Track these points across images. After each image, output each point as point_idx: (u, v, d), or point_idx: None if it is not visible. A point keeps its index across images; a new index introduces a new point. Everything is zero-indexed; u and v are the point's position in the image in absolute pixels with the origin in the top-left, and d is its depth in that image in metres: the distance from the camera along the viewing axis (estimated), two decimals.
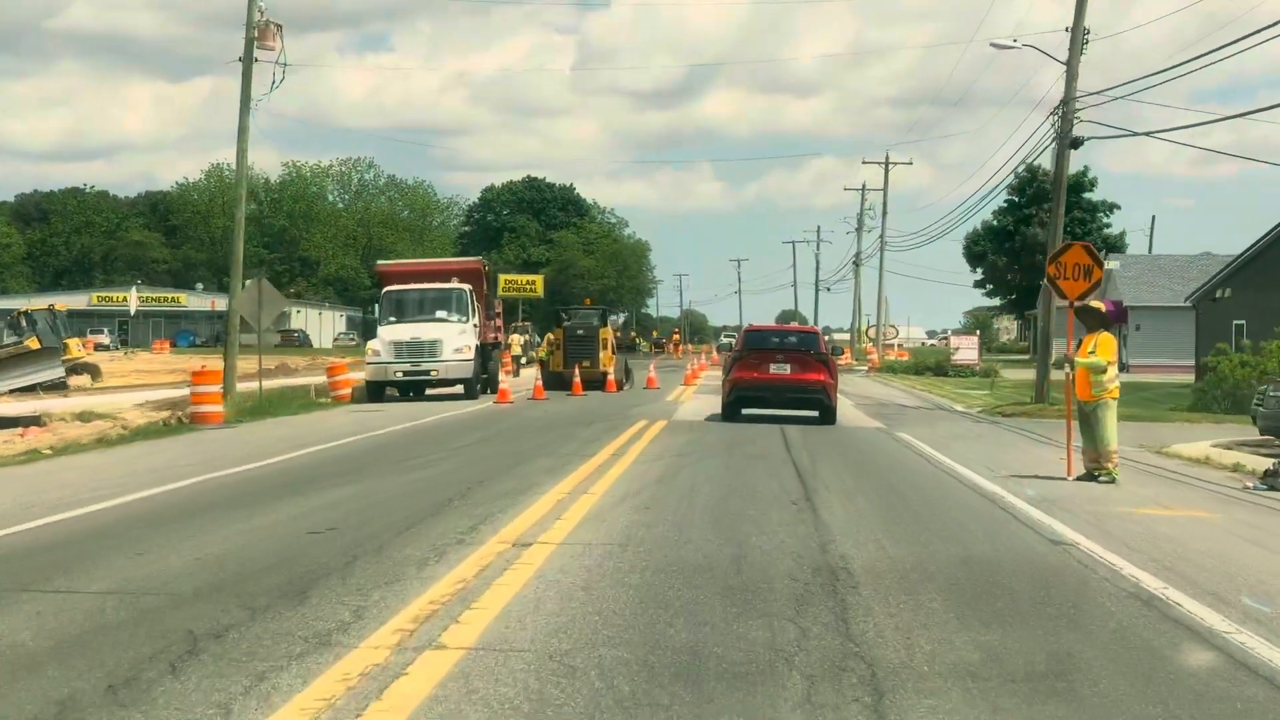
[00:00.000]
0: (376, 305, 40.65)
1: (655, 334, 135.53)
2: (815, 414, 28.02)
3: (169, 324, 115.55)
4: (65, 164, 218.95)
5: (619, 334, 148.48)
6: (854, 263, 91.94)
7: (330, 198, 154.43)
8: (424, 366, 35.35)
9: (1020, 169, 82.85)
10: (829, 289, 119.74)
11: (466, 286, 37.13)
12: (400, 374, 35.41)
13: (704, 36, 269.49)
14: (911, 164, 78.11)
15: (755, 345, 28.95)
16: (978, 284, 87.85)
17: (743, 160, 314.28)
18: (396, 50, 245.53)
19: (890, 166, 76.35)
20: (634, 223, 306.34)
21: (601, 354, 40.77)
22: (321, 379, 38.92)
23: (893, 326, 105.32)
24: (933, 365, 63.38)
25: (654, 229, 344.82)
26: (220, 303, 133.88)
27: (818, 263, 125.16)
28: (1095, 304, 17.93)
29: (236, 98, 35.94)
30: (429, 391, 36.87)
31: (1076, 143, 33.25)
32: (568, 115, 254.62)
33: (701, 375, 55.75)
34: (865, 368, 69.28)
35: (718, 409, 29.45)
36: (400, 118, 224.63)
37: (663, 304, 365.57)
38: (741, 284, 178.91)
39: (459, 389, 36.13)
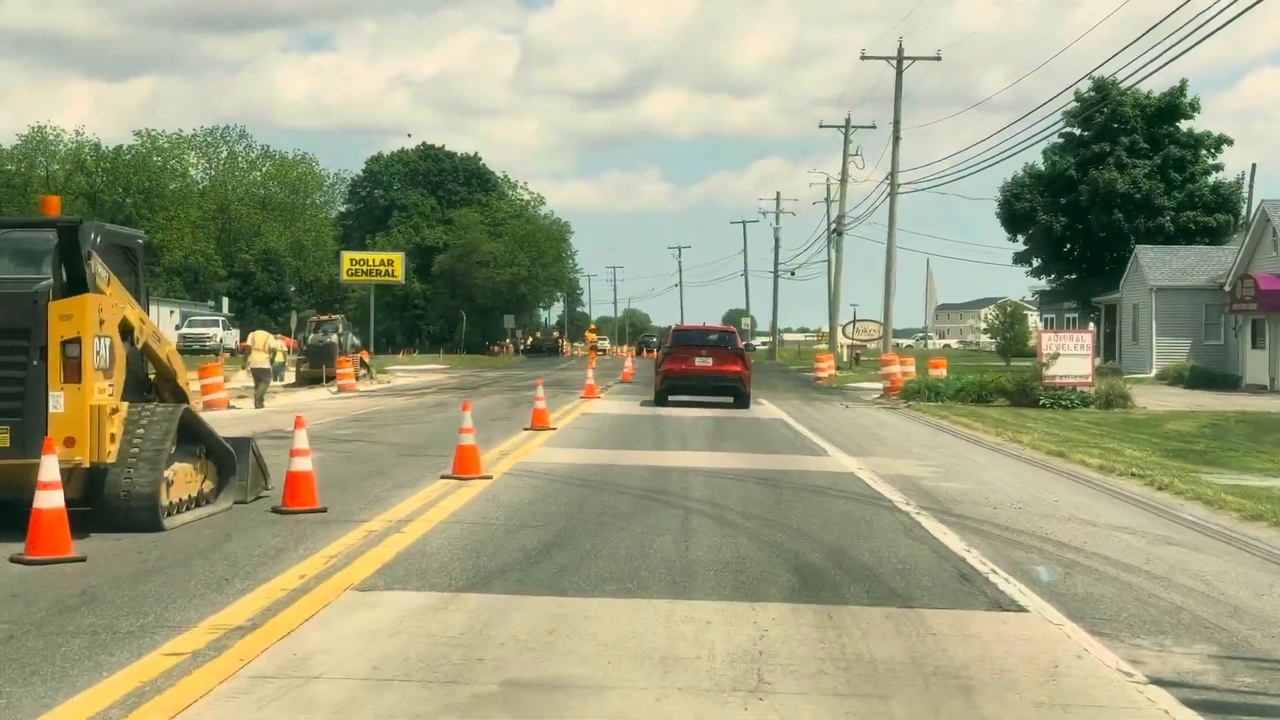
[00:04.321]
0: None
1: (533, 337, 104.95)
2: (730, 399, 29.73)
3: None
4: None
5: (539, 336, 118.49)
6: (834, 230, 61.64)
7: (195, 173, 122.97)
8: None
9: (1084, 88, 53.23)
10: (792, 274, 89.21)
11: None
12: None
13: (649, 38, 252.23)
14: (940, 58, 48.31)
15: (682, 343, 31.48)
16: (1020, 257, 57.58)
17: (688, 161, 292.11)
18: (339, 50, 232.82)
19: (905, 64, 46.11)
20: (575, 221, 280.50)
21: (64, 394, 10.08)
22: None
23: (876, 323, 75.46)
24: (1011, 387, 33.26)
25: (596, 227, 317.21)
26: None
27: (777, 241, 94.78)
28: None
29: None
30: None
31: None
32: (510, 115, 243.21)
33: (582, 412, 25.70)
34: (879, 387, 39.07)
35: None
36: (341, 118, 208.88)
37: (598, 300, 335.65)
38: (683, 275, 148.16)
39: None
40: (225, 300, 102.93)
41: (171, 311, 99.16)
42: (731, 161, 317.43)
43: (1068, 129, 55.53)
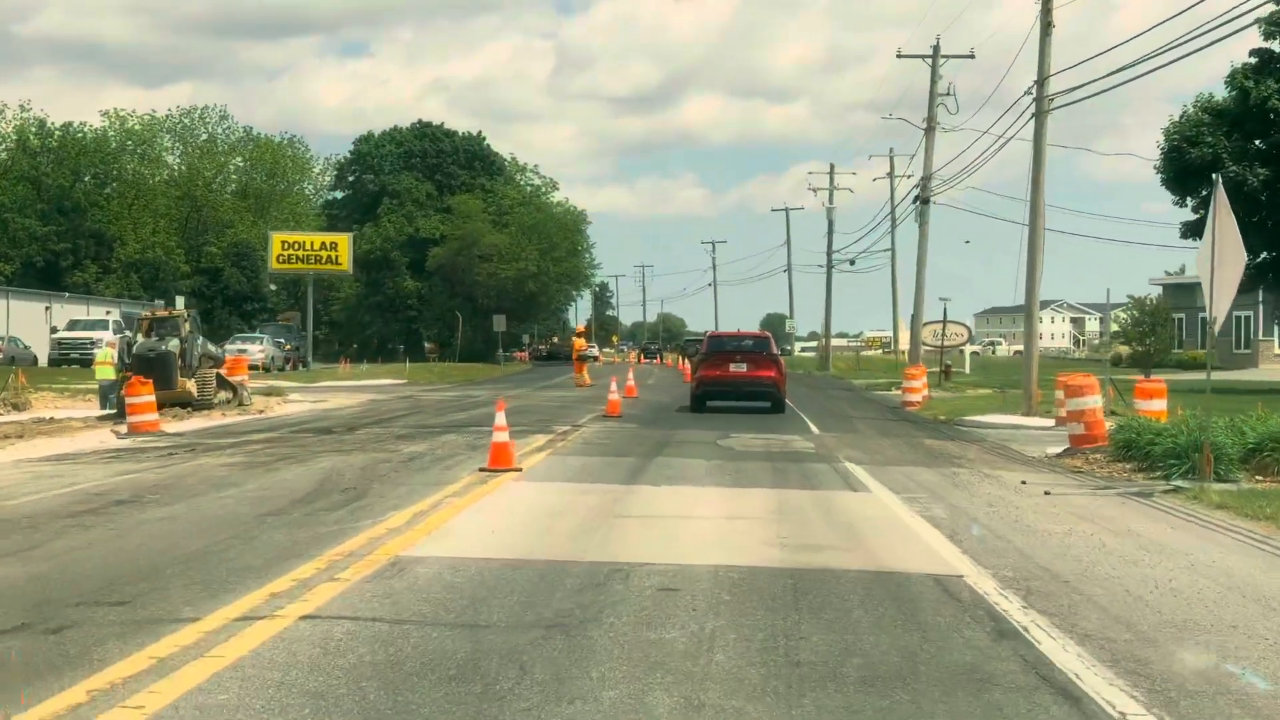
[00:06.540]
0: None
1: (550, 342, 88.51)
2: (767, 404, 29.56)
3: None
4: None
5: (554, 341, 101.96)
6: (918, 199, 44.42)
7: (171, 159, 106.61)
8: None
9: None
10: (851, 263, 70.98)
11: None
12: None
13: (684, 43, 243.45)
14: None
15: (717, 349, 31.01)
16: (1189, 229, 39.62)
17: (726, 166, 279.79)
18: (376, 56, 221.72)
19: None
20: (612, 226, 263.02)
21: None
22: None
23: (962, 325, 58.06)
24: None
25: (632, 231, 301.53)
26: None
27: (830, 224, 77.04)
28: None
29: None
30: None
31: None
32: (547, 120, 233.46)
33: (390, 555, 8.25)
34: (1032, 425, 21.72)
35: None
36: (376, 123, 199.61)
37: (633, 302, 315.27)
38: (718, 273, 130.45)
39: None
40: (180, 299, 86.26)
41: (108, 311, 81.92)
42: (769, 165, 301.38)
43: (1263, 45, 38.09)
